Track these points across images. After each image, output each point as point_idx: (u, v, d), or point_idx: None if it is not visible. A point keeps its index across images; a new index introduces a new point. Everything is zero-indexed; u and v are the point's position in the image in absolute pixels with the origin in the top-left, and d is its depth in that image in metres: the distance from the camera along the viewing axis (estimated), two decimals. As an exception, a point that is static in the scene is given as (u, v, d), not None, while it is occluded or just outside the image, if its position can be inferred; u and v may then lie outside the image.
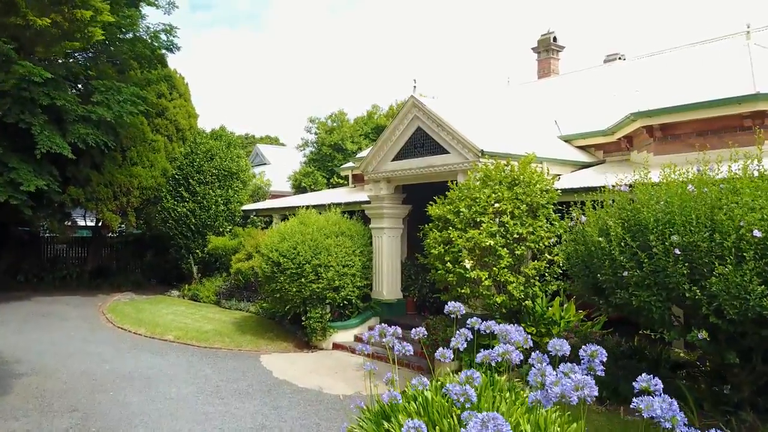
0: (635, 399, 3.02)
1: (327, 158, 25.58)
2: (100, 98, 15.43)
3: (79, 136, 14.98)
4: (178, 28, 18.55)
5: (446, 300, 8.29)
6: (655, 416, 2.90)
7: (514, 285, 7.80)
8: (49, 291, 18.34)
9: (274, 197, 22.20)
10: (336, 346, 10.72)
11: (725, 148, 7.89)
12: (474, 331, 4.46)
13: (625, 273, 5.56)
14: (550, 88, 16.19)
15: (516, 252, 7.90)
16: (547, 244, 8.06)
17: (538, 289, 8.07)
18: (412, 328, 4.76)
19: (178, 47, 18.83)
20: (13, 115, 14.23)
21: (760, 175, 5.40)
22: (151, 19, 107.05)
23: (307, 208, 12.47)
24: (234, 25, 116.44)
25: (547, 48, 18.67)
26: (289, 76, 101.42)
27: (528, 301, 8.00)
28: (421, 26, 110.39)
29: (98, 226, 21.04)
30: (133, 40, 17.37)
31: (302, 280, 10.38)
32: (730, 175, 5.57)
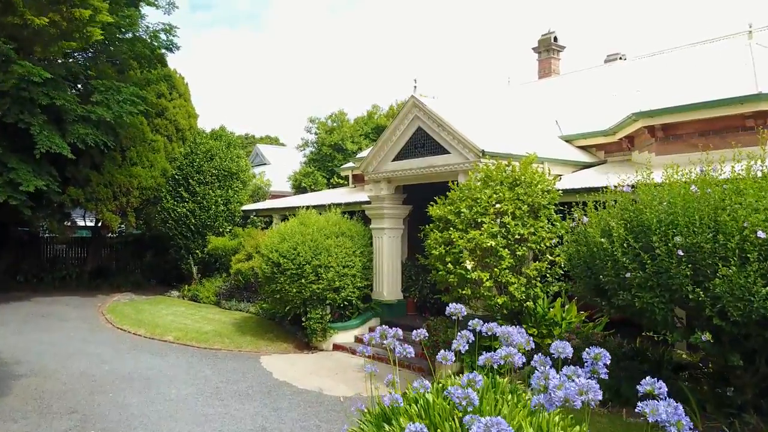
0: (640, 403, 2.97)
1: (327, 158, 25.53)
2: (100, 98, 15.38)
3: (78, 136, 14.94)
4: (177, 28, 18.52)
5: (447, 301, 8.26)
6: (660, 421, 2.85)
7: (516, 286, 7.75)
8: (49, 291, 18.30)
9: (274, 197, 22.15)
10: (336, 347, 10.68)
11: (727, 149, 7.86)
12: (475, 333, 4.43)
13: (628, 274, 5.52)
14: (551, 88, 16.15)
15: (517, 253, 7.86)
16: (549, 245, 8.02)
17: (540, 290, 8.02)
18: (413, 329, 4.73)
19: (178, 47, 18.79)
20: (12, 115, 14.19)
21: (763, 175, 5.36)
22: (151, 18, 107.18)
23: (307, 208, 12.43)
24: (234, 25, 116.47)
25: (548, 48, 18.63)
26: (289, 76, 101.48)
27: (529, 302, 7.95)
28: (421, 26, 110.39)
29: (98, 226, 21.00)
30: (133, 39, 17.33)
31: (302, 281, 10.35)
32: (733, 176, 5.53)
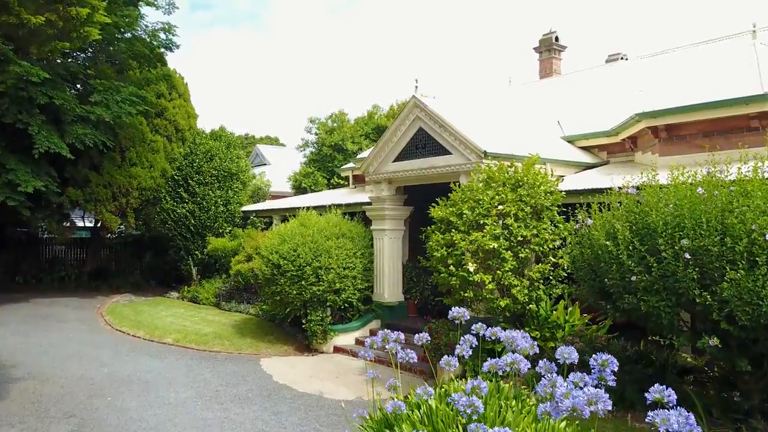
0: (651, 412, 2.90)
1: (327, 159, 25.42)
2: (99, 98, 15.30)
3: (77, 136, 14.85)
4: (177, 27, 18.47)
5: (449, 303, 8.18)
6: (671, 431, 2.78)
7: (518, 288, 7.67)
8: (48, 292, 18.21)
9: (274, 198, 22.06)
10: (337, 350, 10.60)
11: (732, 149, 7.79)
12: (478, 337, 4.38)
13: (633, 277, 5.44)
14: (552, 89, 16.07)
15: (520, 255, 7.77)
16: (552, 247, 7.93)
17: (543, 292, 7.94)
18: (414, 332, 4.68)
19: (177, 45, 18.74)
20: (10, 115, 14.10)
21: (771, 177, 5.28)
22: (151, 18, 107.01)
23: (308, 209, 12.34)
24: (234, 25, 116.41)
25: (549, 48, 18.55)
26: (289, 76, 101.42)
27: (532, 305, 7.87)
28: (422, 26, 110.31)
29: (97, 227, 20.92)
30: (132, 39, 17.26)
31: (302, 283, 10.27)
32: (740, 177, 5.45)
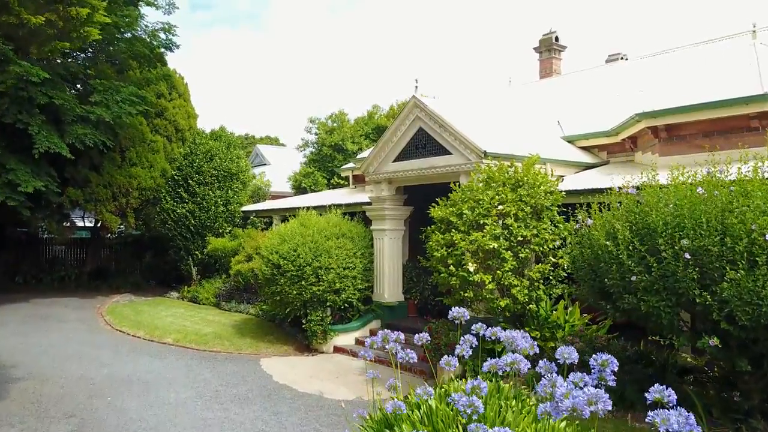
0: (651, 412, 2.90)
1: (327, 159, 25.41)
2: (99, 98, 15.30)
3: (77, 136, 14.85)
4: (177, 27, 18.46)
5: (449, 303, 8.18)
6: (671, 430, 2.78)
7: (518, 288, 7.67)
8: (48, 292, 18.21)
9: (274, 198, 22.06)
10: (337, 350, 10.59)
11: (732, 149, 7.79)
12: (478, 337, 4.38)
13: (633, 277, 5.44)
14: (553, 89, 16.07)
15: (520, 255, 7.77)
16: (552, 247, 7.93)
17: (543, 292, 7.93)
18: (414, 332, 4.68)
19: (177, 45, 18.73)
20: (10, 115, 14.10)
21: (771, 177, 5.28)
22: (151, 18, 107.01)
23: (308, 209, 12.34)
24: (234, 25, 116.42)
25: (549, 48, 18.54)
26: (289, 76, 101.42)
27: (532, 305, 7.87)
28: (422, 26, 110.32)
29: (97, 227, 20.93)
30: (132, 39, 17.25)
31: (303, 283, 10.26)
32: (740, 177, 5.45)
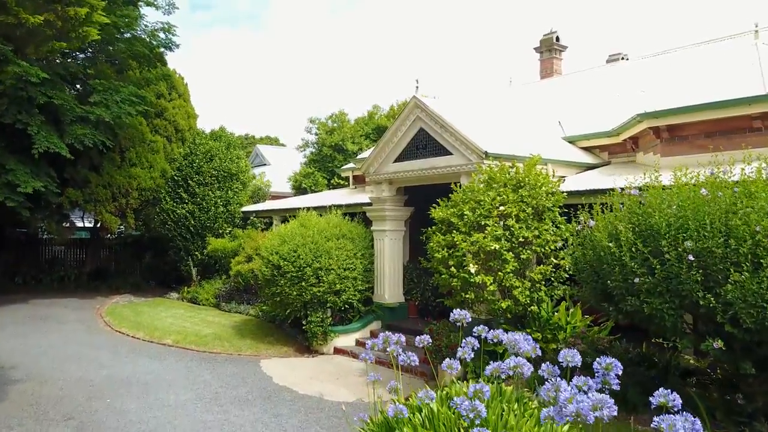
0: (656, 417, 2.85)
1: (327, 159, 25.36)
2: (98, 98, 15.26)
3: (76, 137, 14.81)
4: (176, 27, 18.41)
5: (450, 305, 8.13)
6: (676, 435, 2.74)
7: (520, 290, 7.62)
8: (47, 293, 18.18)
9: (274, 198, 22.01)
10: (337, 351, 10.55)
11: (734, 150, 7.75)
12: (480, 339, 4.36)
13: (636, 279, 5.39)
14: (553, 89, 16.02)
15: (521, 256, 7.72)
16: (553, 248, 7.88)
17: (544, 293, 7.88)
18: (415, 333, 4.63)
19: (177, 45, 18.67)
20: (10, 116, 14.06)
21: (776, 178, 5.23)
22: (150, 18, 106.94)
23: (308, 209, 12.30)
24: (234, 25, 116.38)
25: (550, 48, 18.50)
26: (289, 76, 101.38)
27: (533, 307, 7.81)
28: (422, 26, 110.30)
29: (96, 227, 20.89)
30: (131, 39, 17.18)
31: (303, 284, 10.23)
32: (743, 178, 5.41)
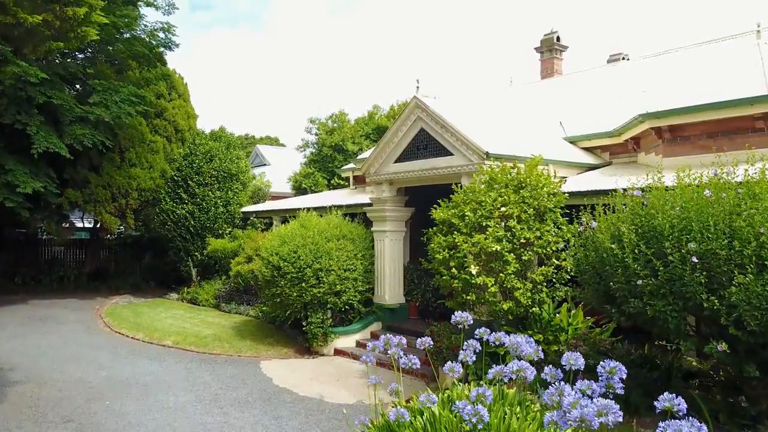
0: (662, 423, 2.81)
1: (327, 159, 25.33)
2: (98, 99, 15.22)
3: (75, 137, 14.76)
4: (176, 27, 18.37)
5: (451, 306, 8.08)
6: (682, 441, 2.70)
7: (521, 291, 7.57)
8: (47, 294, 18.13)
9: (274, 198, 21.97)
10: (337, 352, 10.51)
11: (736, 150, 7.71)
12: (482, 341, 4.33)
13: (639, 281, 5.35)
14: (554, 89, 15.97)
15: (523, 257, 7.67)
16: (555, 249, 7.83)
17: (546, 295, 7.84)
18: (416, 334, 4.62)
19: (177, 44, 18.62)
20: (9, 116, 14.03)
21: (780, 179, 5.19)
22: (150, 18, 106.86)
23: (308, 210, 12.27)
24: (234, 25, 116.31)
25: (551, 48, 18.44)
26: (289, 76, 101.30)
27: (535, 308, 7.77)
28: (423, 26, 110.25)
29: (96, 227, 20.85)
30: (131, 39, 17.12)
31: (303, 285, 10.18)
32: (746, 179, 5.37)
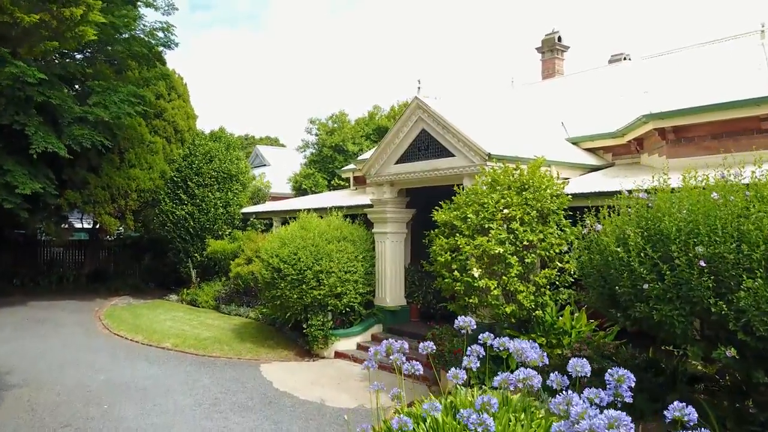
0: (674, 434, 2.74)
1: (328, 160, 25.25)
2: (97, 99, 15.13)
3: (74, 137, 14.68)
4: (174, 27, 18.28)
5: (453, 309, 8.00)
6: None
7: (524, 294, 7.49)
8: (46, 295, 18.04)
9: (274, 199, 21.90)
10: (338, 355, 10.42)
11: (741, 151, 7.62)
12: (485, 346, 4.26)
13: (646, 285, 5.25)
14: (555, 89, 15.89)
15: (526, 260, 7.58)
16: (558, 252, 7.74)
17: (549, 298, 7.75)
18: (417, 337, 4.55)
19: (176, 43, 18.52)
20: (7, 116, 13.95)
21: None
22: (150, 18, 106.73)
23: (308, 211, 12.18)
24: (234, 25, 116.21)
25: (552, 48, 18.34)
26: (289, 76, 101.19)
27: (538, 311, 7.69)
28: (423, 26, 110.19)
29: (95, 228, 20.76)
30: (130, 39, 17.03)
31: (303, 287, 10.10)
32: (754, 181, 5.28)
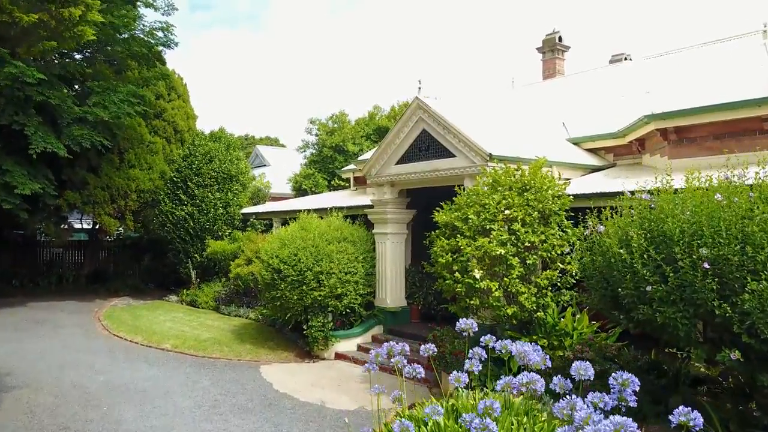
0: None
1: (328, 160, 25.21)
2: (97, 99, 15.09)
3: (74, 138, 14.64)
4: (174, 26, 18.23)
5: (454, 311, 7.96)
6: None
7: (526, 296, 7.44)
8: (45, 296, 17.99)
9: (274, 199, 21.85)
10: (338, 356, 10.38)
11: (744, 152, 7.58)
12: (487, 349, 4.22)
13: (649, 287, 5.21)
14: (556, 90, 15.85)
15: (527, 261, 7.54)
16: (560, 253, 7.69)
17: (550, 299, 7.70)
18: (418, 339, 4.51)
19: (176, 43, 18.48)
20: (6, 116, 13.91)
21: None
22: (149, 18, 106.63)
23: (308, 212, 12.14)
24: (233, 25, 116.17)
25: (553, 48, 18.31)
26: (289, 77, 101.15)
27: (540, 312, 7.64)
28: (424, 26, 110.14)
29: (95, 228, 20.72)
30: (129, 39, 16.99)
31: (303, 288, 10.06)
32: (758, 182, 5.24)
